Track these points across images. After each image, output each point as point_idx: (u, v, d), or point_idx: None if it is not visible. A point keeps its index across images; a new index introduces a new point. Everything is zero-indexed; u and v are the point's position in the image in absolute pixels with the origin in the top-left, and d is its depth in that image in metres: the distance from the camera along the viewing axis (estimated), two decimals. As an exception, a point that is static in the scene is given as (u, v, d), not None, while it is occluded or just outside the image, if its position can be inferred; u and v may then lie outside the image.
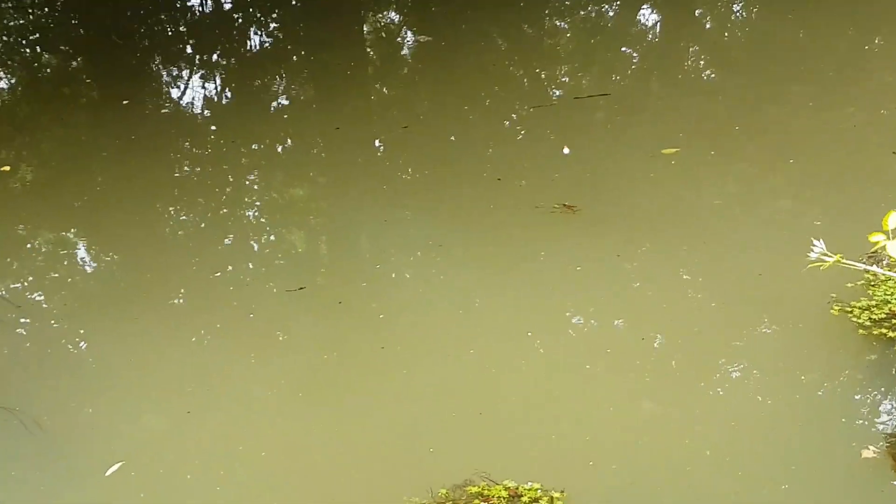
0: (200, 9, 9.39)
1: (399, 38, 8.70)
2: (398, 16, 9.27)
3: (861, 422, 4.23)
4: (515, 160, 6.42)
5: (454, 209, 5.99)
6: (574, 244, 5.48)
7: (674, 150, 6.32)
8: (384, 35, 8.84)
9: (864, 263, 4.30)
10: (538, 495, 3.94)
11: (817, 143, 6.32)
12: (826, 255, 3.54)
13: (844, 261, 3.53)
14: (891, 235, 3.41)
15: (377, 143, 6.87)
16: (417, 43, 8.33)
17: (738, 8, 8.75)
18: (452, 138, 6.80)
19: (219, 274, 5.55)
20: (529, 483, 3.99)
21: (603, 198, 5.88)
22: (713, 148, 6.36)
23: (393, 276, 5.45)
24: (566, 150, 6.36)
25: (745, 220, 5.63)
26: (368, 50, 8.58)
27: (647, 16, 8.85)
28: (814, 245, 3.51)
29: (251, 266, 5.64)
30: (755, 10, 8.56)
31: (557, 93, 7.44)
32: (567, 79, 7.75)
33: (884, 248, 3.46)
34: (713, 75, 7.63)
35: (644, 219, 5.66)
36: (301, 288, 5.38)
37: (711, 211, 5.73)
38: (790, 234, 5.40)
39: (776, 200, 5.82)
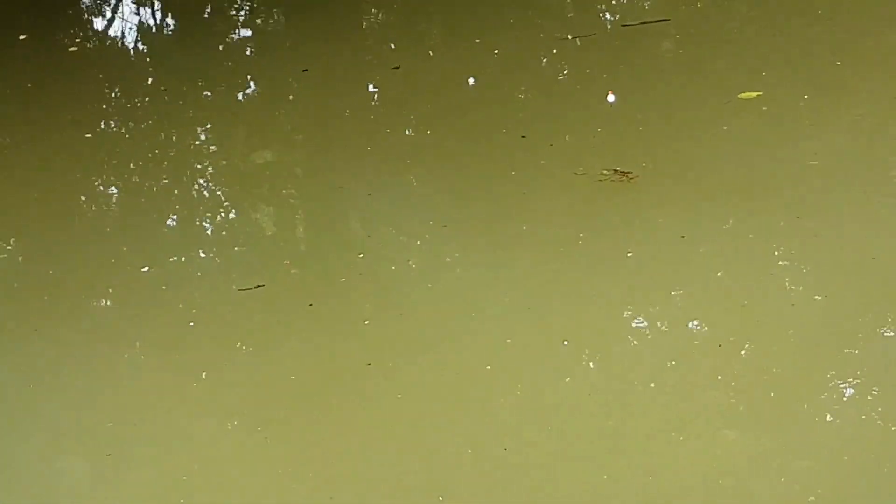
0: None
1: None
2: None
3: None
4: (545, 110, 6.47)
5: (463, 178, 6.04)
6: (624, 222, 5.51)
7: (755, 93, 6.34)
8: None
9: None
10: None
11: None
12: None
13: None
14: None
15: (363, 87, 6.93)
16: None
17: None
18: (459, 81, 6.86)
19: (147, 268, 5.57)
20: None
21: (662, 160, 5.93)
22: (808, 89, 6.40)
23: (381, 268, 5.45)
24: (611, 97, 6.47)
25: (853, 187, 5.62)
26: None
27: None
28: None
29: (194, 257, 5.69)
30: None
31: (601, 18, 7.57)
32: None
33: None
34: None
35: (717, 187, 5.69)
36: (259, 286, 5.38)
37: (808, 174, 5.75)
38: None
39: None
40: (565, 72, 6.96)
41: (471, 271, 5.37)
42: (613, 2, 7.86)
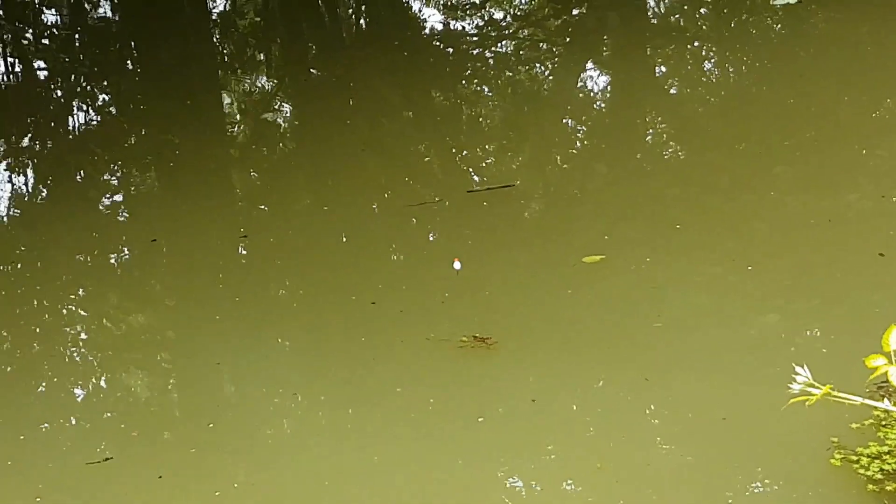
0: None
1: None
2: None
3: None
4: (392, 279, 6.47)
5: (315, 346, 6.00)
6: (475, 387, 5.50)
7: (598, 256, 6.38)
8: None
9: (863, 396, 4.07)
10: None
11: (790, 242, 6.47)
12: (813, 385, 3.57)
13: (837, 393, 3.57)
14: (893, 358, 3.50)
15: (213, 256, 6.96)
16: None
17: (690, 68, 9.40)
18: (309, 250, 6.88)
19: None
20: None
21: (513, 327, 5.93)
22: (648, 252, 6.44)
23: (232, 438, 5.36)
24: (457, 265, 6.40)
25: (700, 345, 5.71)
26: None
27: (560, 80, 9.41)
28: (797, 373, 3.59)
29: (40, 430, 5.56)
30: (713, 68, 9.30)
31: (444, 185, 7.58)
32: (459, 166, 7.95)
33: (885, 374, 3.53)
34: (647, 156, 7.90)
35: (563, 349, 5.72)
36: (107, 458, 5.29)
37: (653, 335, 5.77)
38: (765, 360, 5.44)
39: (740, 316, 5.88)
40: (412, 238, 6.95)
41: (323, 439, 5.30)
42: (455, 168, 7.93)
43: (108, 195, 8.23)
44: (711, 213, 6.91)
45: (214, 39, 11.11)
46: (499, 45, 10.08)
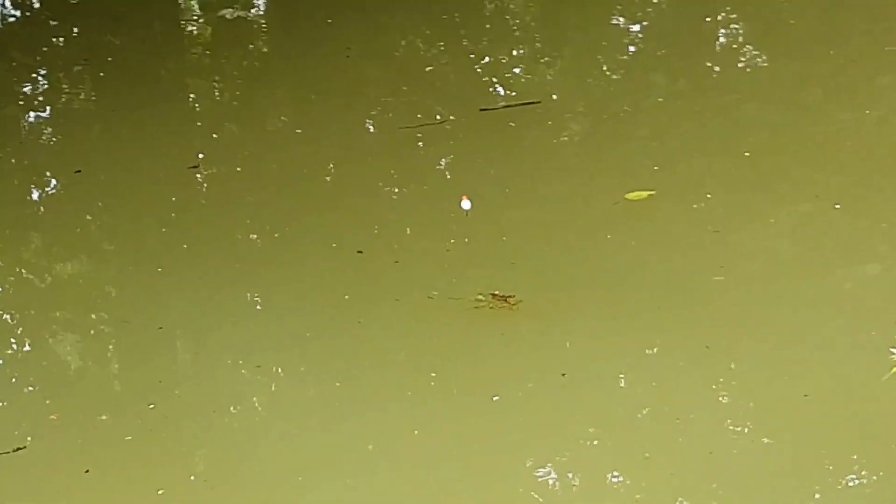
0: None
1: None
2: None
3: None
4: (385, 220, 6.50)
5: (281, 306, 5.97)
6: (490, 357, 5.49)
7: (646, 192, 6.34)
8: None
9: None
10: None
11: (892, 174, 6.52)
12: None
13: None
14: None
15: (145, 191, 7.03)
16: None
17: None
18: (271, 183, 6.97)
19: None
20: None
21: (539, 283, 5.92)
22: (707, 184, 6.47)
23: (178, 424, 5.35)
24: (466, 204, 6.38)
25: (774, 304, 5.63)
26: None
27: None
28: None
29: None
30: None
31: (454, 101, 7.61)
32: (470, 75, 7.97)
33: None
34: (716, 63, 8.05)
35: (602, 310, 5.71)
36: (18, 448, 5.24)
37: (715, 291, 5.73)
38: (859, 321, 5.44)
39: (827, 267, 5.93)
40: (408, 168, 7.01)
41: (297, 423, 5.31)
42: (472, 78, 8.01)
43: (27, 112, 8.28)
44: (790, 136, 6.94)
45: None
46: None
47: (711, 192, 6.43)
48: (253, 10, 9.29)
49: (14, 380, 5.90)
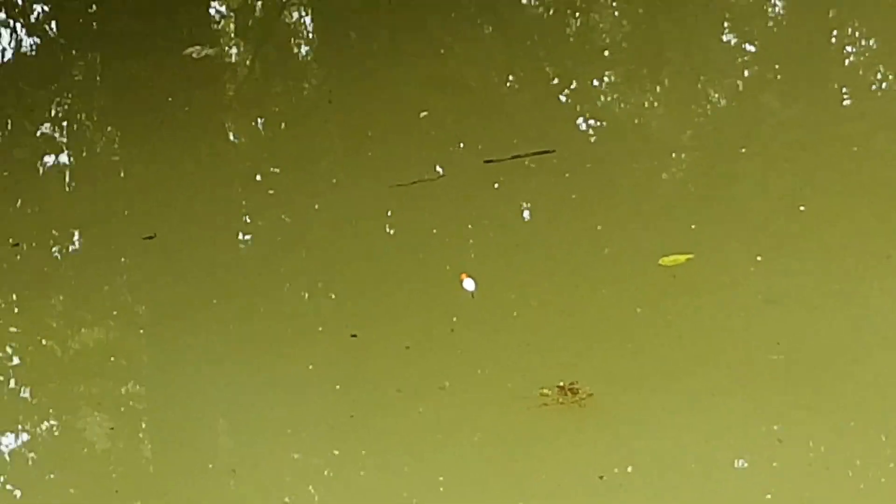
0: None
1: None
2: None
3: None
4: (378, 306, 6.24)
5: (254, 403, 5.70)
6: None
7: (683, 256, 6.01)
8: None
9: None
10: None
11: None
12: None
13: None
14: None
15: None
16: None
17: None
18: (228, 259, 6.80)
19: None
20: None
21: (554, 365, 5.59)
22: (759, 247, 6.04)
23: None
24: (469, 284, 6.08)
25: (832, 373, 5.40)
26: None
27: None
28: None
29: None
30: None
31: (449, 152, 7.45)
32: (473, 124, 7.79)
33: None
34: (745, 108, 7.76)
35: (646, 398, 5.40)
36: None
37: (770, 366, 5.41)
38: None
39: None
40: (402, 234, 6.74)
41: None
42: (472, 125, 7.79)
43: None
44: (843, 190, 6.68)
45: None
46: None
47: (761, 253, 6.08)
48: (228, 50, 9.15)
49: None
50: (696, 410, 5.33)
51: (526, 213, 6.84)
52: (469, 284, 6.10)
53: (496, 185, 6.99)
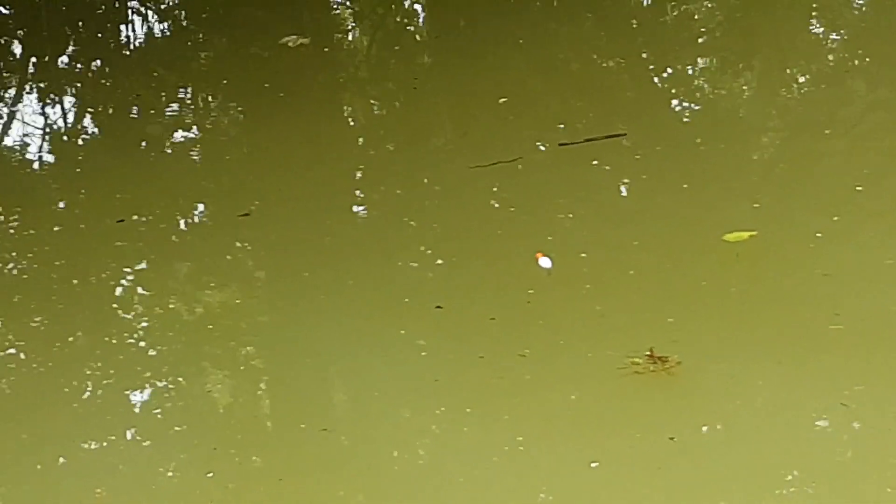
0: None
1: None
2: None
3: None
4: (462, 275, 6.37)
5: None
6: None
7: (747, 233, 6.16)
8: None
9: None
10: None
11: None
12: None
13: None
14: None
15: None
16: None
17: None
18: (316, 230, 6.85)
19: None
20: None
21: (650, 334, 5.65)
22: (818, 223, 6.26)
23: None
24: (545, 262, 6.13)
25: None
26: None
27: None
28: None
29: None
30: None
31: (528, 137, 7.41)
32: (549, 108, 7.78)
33: None
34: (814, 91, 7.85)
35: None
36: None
37: (831, 336, 5.49)
38: None
39: None
40: (480, 213, 6.87)
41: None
42: (547, 110, 7.80)
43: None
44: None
45: None
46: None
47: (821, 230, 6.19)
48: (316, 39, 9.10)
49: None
50: (765, 377, 5.41)
51: (599, 193, 6.92)
52: (545, 262, 6.15)
53: (570, 167, 7.02)
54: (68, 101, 8.68)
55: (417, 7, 9.68)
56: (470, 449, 5.26)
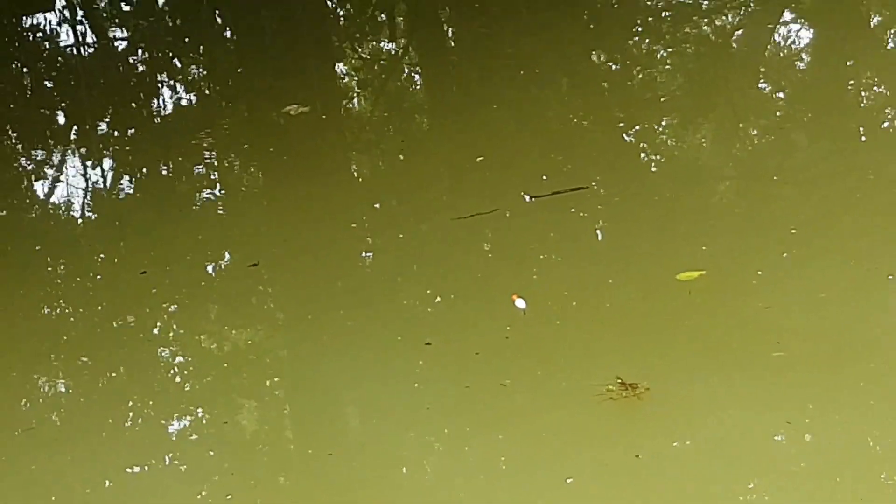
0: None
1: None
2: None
3: None
4: (448, 313, 6.39)
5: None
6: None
7: (697, 272, 6.12)
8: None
9: None
10: None
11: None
12: None
13: None
14: None
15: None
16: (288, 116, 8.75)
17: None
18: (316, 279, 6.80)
19: None
20: None
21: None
22: (759, 263, 6.21)
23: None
24: (521, 303, 6.14)
25: (831, 370, 5.42)
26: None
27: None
28: None
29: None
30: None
31: (499, 190, 7.43)
32: (521, 166, 7.80)
33: None
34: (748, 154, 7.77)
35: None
36: None
37: (775, 364, 5.47)
38: None
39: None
40: (456, 259, 6.75)
41: None
42: (518, 166, 7.78)
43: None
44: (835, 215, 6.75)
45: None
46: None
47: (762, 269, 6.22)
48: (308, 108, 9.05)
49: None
50: (720, 399, 5.43)
51: (567, 240, 6.85)
52: (520, 303, 6.15)
53: (541, 217, 7.02)
54: (106, 163, 8.64)
55: (407, 80, 9.61)
56: (458, 469, 5.31)
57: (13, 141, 9.14)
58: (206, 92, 9.80)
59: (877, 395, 5.26)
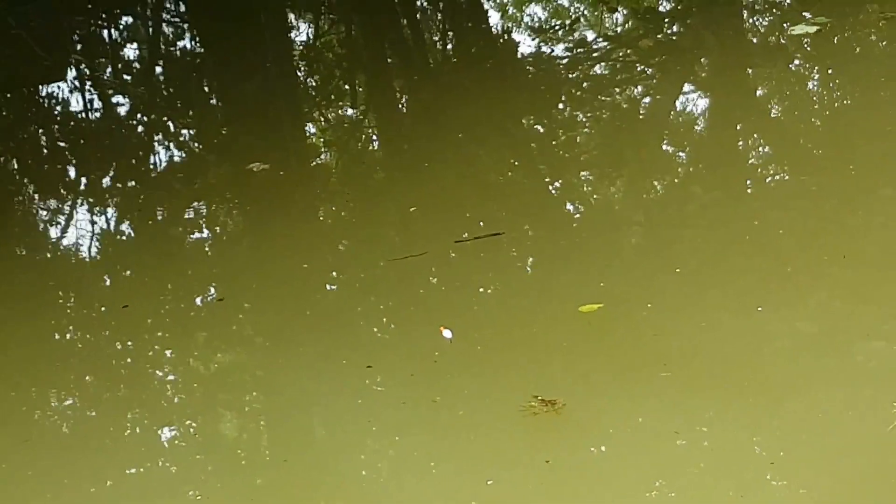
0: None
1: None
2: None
3: None
4: (387, 339, 6.34)
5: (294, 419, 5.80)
6: None
7: (596, 305, 6.13)
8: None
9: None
10: None
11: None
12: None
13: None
14: None
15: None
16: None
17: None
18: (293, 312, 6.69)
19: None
20: None
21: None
22: (648, 297, 6.21)
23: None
24: (448, 334, 6.14)
25: (713, 394, 5.45)
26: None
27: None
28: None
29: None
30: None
31: (430, 235, 7.31)
32: (447, 213, 7.64)
33: None
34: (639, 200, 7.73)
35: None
36: None
37: (660, 384, 5.53)
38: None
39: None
40: (391, 297, 6.73)
41: None
42: (449, 214, 7.59)
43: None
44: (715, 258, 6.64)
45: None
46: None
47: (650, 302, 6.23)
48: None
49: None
50: (620, 413, 5.46)
51: (486, 278, 6.82)
52: (447, 333, 6.18)
53: (464, 258, 6.98)
54: (110, 210, 8.45)
55: (365, 140, 9.58)
56: (394, 472, 5.39)
57: (31, 191, 9.01)
58: (196, 149, 9.63)
59: (747, 406, 5.34)
